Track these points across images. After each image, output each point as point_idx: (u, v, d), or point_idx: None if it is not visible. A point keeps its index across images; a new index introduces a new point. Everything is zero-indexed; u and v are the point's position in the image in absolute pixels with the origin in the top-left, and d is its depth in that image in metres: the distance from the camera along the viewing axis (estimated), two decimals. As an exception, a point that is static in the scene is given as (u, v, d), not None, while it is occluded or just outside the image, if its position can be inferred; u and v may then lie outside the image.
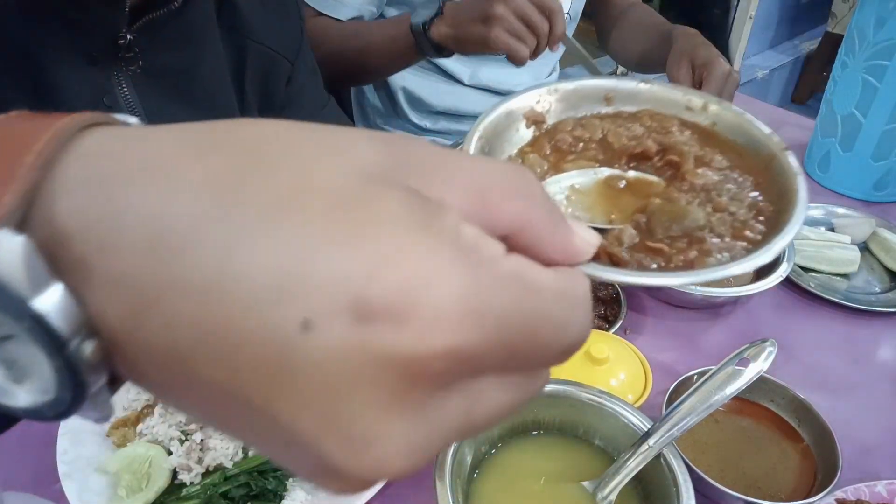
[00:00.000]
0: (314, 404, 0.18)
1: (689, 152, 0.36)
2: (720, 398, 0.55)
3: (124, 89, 0.69)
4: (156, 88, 0.71)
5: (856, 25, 0.97)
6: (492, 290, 0.19)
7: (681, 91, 0.39)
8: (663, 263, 0.31)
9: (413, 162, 0.20)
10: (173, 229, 0.18)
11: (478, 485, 0.57)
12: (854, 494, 0.59)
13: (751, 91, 3.11)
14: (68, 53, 0.64)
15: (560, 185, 0.34)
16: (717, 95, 1.02)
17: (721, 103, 0.40)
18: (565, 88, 0.40)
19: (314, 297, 0.17)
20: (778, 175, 0.36)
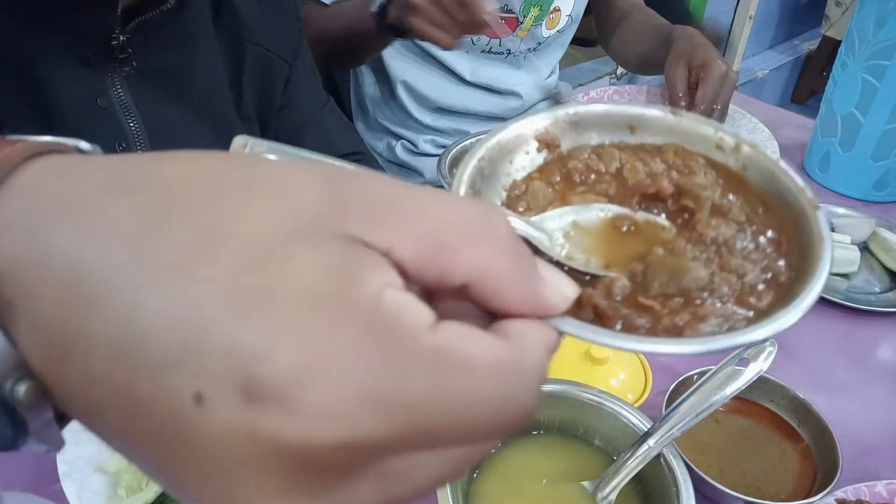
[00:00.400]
0: (211, 480, 0.17)
1: (706, 198, 0.32)
2: (720, 398, 0.55)
3: (119, 90, 0.69)
4: (151, 89, 0.71)
5: (856, 25, 0.97)
6: (402, 373, 0.17)
7: (713, 127, 0.35)
8: (649, 324, 0.27)
9: (362, 204, 0.19)
10: (86, 279, 0.17)
11: (478, 485, 0.57)
12: (854, 494, 0.58)
13: (751, 91, 3.11)
14: (61, 54, 0.64)
15: (562, 219, 0.31)
16: (713, 97, 1.02)
17: (755, 146, 0.34)
18: (586, 111, 0.35)
19: (207, 370, 0.16)
20: (804, 236, 0.31)
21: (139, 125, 0.70)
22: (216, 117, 0.78)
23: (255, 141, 0.31)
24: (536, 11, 1.19)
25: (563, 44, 1.31)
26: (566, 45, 1.33)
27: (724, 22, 3.06)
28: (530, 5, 1.18)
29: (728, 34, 3.11)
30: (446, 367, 0.18)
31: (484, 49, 1.21)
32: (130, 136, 0.70)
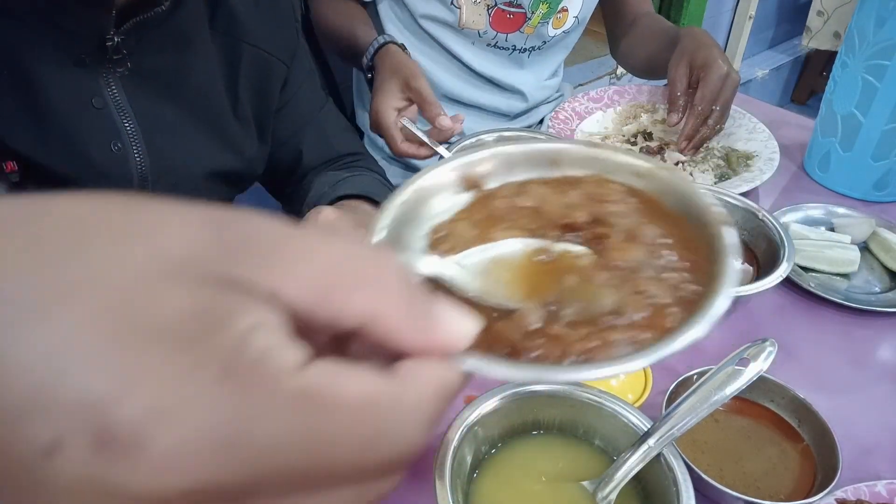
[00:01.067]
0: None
1: (617, 224, 0.33)
2: (720, 398, 0.55)
3: (113, 91, 0.68)
4: (146, 90, 0.71)
5: (856, 25, 0.97)
6: (259, 416, 0.17)
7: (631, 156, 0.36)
8: (559, 354, 0.27)
9: (249, 248, 0.19)
10: None
11: (478, 485, 0.57)
12: (854, 494, 0.58)
13: (751, 91, 3.11)
14: (55, 55, 0.63)
15: (483, 255, 0.31)
16: (712, 97, 1.02)
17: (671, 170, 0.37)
18: (507, 151, 0.37)
19: (61, 417, 0.16)
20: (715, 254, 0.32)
21: (134, 125, 0.70)
22: (212, 118, 0.78)
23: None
24: (545, 9, 1.19)
25: (567, 45, 1.31)
26: (570, 47, 1.33)
27: (724, 22, 3.06)
28: (539, 2, 1.18)
29: (728, 34, 3.11)
30: (309, 407, 0.17)
31: (489, 42, 1.21)
32: (126, 137, 0.70)
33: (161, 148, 0.73)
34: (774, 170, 1.03)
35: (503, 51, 1.23)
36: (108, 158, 0.69)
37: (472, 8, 1.15)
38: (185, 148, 0.76)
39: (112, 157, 0.69)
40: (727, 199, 0.92)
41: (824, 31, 2.90)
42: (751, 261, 0.88)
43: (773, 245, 0.85)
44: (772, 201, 1.04)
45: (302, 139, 0.90)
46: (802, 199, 1.00)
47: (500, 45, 1.21)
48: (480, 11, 1.16)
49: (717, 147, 1.12)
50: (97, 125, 0.68)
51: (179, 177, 0.76)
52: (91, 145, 0.68)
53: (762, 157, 1.07)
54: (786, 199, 1.03)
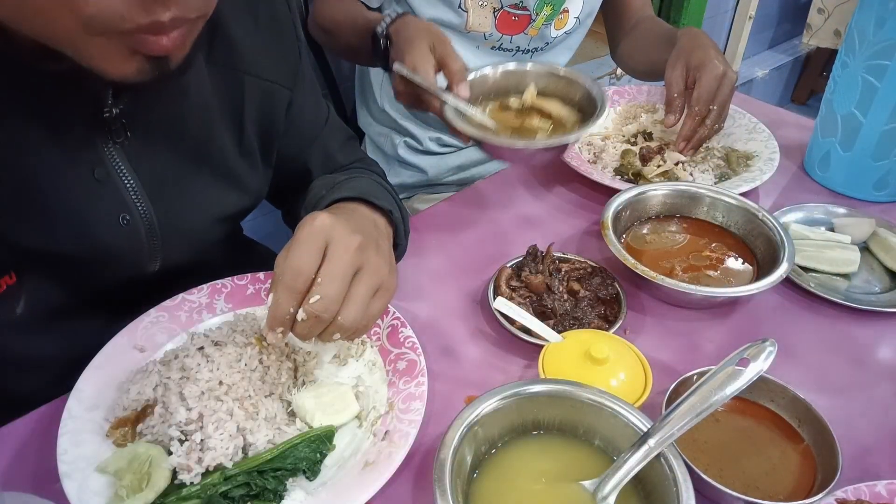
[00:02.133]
0: None
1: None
2: (720, 398, 0.55)
3: (116, 160, 0.66)
4: (145, 150, 0.68)
5: (856, 25, 0.97)
6: None
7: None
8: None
9: None
10: None
11: (478, 485, 0.57)
12: (854, 494, 0.58)
13: (751, 91, 3.11)
14: (51, 136, 0.61)
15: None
16: (709, 97, 1.03)
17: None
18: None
19: None
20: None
21: (138, 186, 0.68)
22: (215, 160, 0.76)
23: None
24: (549, 10, 1.19)
25: (570, 46, 1.31)
26: (573, 49, 1.33)
27: (724, 22, 3.06)
28: (544, 4, 1.18)
29: (728, 34, 3.11)
30: None
31: (494, 45, 1.21)
32: (130, 201, 0.68)
33: (167, 204, 0.71)
34: (774, 170, 1.03)
35: (507, 52, 1.23)
36: (116, 233, 0.67)
37: (479, 11, 1.15)
38: (191, 198, 0.74)
39: (120, 231, 0.68)
40: (727, 199, 0.92)
41: (825, 29, 2.90)
42: (751, 261, 0.88)
43: (773, 245, 0.85)
44: (772, 201, 1.04)
45: (309, 157, 0.89)
46: (802, 199, 1.00)
47: (504, 48, 1.21)
48: (486, 14, 1.16)
49: (717, 147, 1.12)
50: (102, 198, 0.66)
51: (188, 226, 0.75)
52: (98, 221, 0.66)
53: (762, 157, 1.07)
54: (786, 199, 1.03)
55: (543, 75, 0.97)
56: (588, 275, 0.83)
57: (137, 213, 0.69)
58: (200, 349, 0.68)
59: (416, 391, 0.67)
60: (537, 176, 1.10)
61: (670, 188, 0.95)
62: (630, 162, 1.08)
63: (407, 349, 0.72)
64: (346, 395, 0.68)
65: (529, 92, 0.94)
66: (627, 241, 0.91)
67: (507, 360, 0.77)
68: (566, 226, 0.98)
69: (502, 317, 0.77)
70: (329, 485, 0.61)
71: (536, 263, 0.83)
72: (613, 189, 0.96)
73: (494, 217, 1.01)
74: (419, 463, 0.65)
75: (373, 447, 0.63)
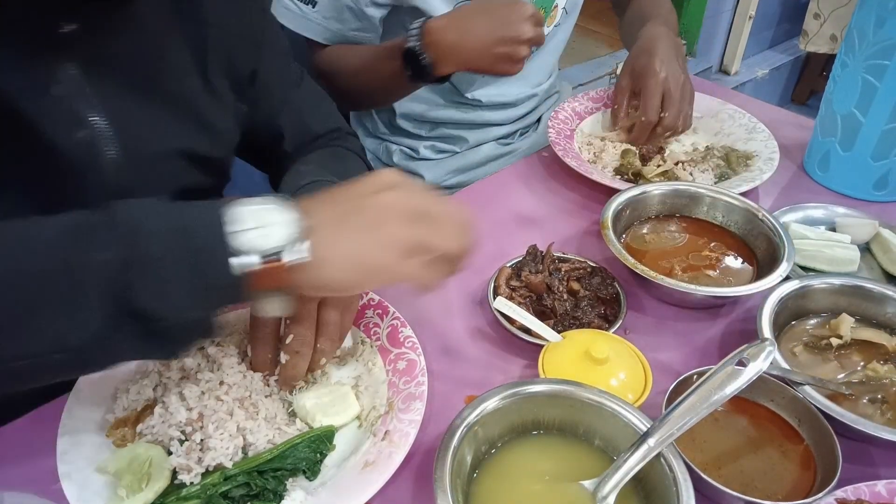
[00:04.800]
0: None
1: None
2: (720, 398, 0.55)
3: (73, 80, 0.65)
4: (112, 79, 0.68)
5: (856, 25, 0.97)
6: None
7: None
8: None
9: None
10: None
11: (478, 485, 0.57)
12: (854, 494, 0.58)
13: (751, 91, 3.11)
14: (9, 47, 0.61)
15: None
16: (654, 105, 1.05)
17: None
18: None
19: None
20: None
21: (103, 114, 0.68)
22: (182, 102, 0.76)
23: None
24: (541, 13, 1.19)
25: (558, 43, 1.30)
26: (561, 45, 1.32)
27: (724, 22, 3.06)
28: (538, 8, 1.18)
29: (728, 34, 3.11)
30: None
31: None
32: (92, 127, 0.67)
33: (135, 135, 0.70)
34: (774, 170, 1.03)
35: None
36: (72, 148, 0.66)
37: None
38: (158, 132, 0.74)
39: (76, 147, 0.67)
40: (727, 199, 0.92)
41: (821, 34, 2.90)
42: (751, 261, 0.88)
43: (773, 245, 0.85)
44: (772, 201, 1.04)
45: (281, 121, 0.89)
46: (802, 199, 1.00)
47: None
48: None
49: (717, 147, 1.12)
50: (57, 113, 0.65)
51: (155, 161, 0.74)
52: (54, 135, 0.65)
53: (762, 157, 1.07)
54: (786, 199, 1.03)
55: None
56: (588, 274, 0.83)
57: (94, 131, 0.67)
58: (201, 349, 0.68)
59: (416, 391, 0.67)
60: (537, 176, 1.10)
61: (670, 188, 0.95)
62: (630, 162, 1.08)
63: (407, 349, 0.72)
64: (347, 395, 0.68)
65: None
66: (627, 240, 0.91)
67: (507, 360, 0.77)
68: (566, 226, 0.98)
69: (502, 317, 0.77)
70: (329, 485, 0.61)
71: (536, 263, 0.83)
72: (613, 189, 0.96)
73: (494, 217, 1.01)
74: (419, 463, 0.65)
75: (373, 447, 0.63)
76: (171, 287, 0.51)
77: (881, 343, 0.74)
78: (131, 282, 0.50)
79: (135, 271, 0.50)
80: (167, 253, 0.51)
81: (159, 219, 0.52)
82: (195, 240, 0.52)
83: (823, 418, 0.63)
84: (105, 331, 0.50)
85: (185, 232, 0.52)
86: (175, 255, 0.51)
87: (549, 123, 1.14)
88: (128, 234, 0.51)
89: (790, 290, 0.76)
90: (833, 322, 0.76)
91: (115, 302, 0.50)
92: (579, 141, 1.14)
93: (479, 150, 1.30)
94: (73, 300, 0.49)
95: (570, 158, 1.05)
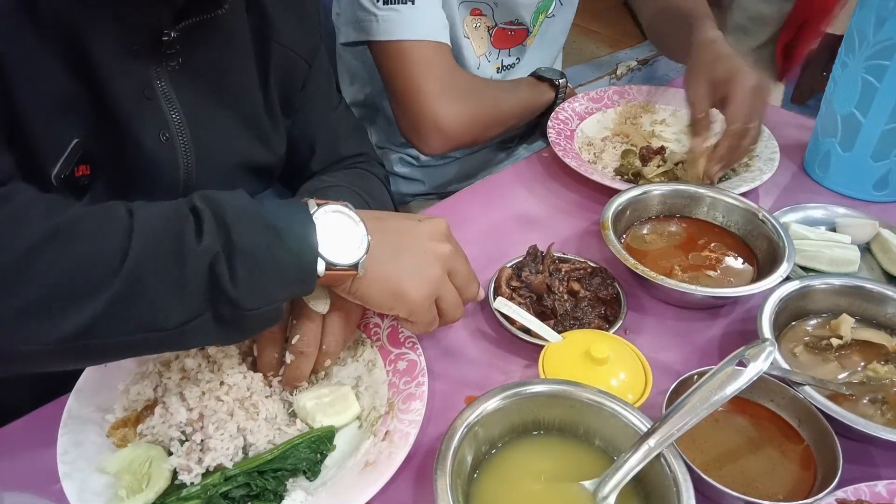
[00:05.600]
0: None
1: None
2: (720, 398, 0.55)
3: (163, 83, 0.71)
4: (192, 84, 0.74)
5: (856, 25, 0.97)
6: None
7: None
8: None
9: None
10: None
11: (478, 485, 0.57)
12: (854, 494, 0.59)
13: (751, 91, 3.10)
14: (114, 44, 0.65)
15: None
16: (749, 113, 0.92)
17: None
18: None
19: None
20: None
21: (181, 117, 0.73)
22: (248, 114, 0.82)
23: None
24: (542, 17, 1.19)
25: (560, 31, 1.29)
26: (563, 33, 1.30)
27: (724, 22, 3.05)
28: (538, 13, 1.18)
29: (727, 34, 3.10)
30: None
31: (500, 67, 1.21)
32: (173, 128, 0.73)
33: (204, 140, 0.76)
34: (774, 170, 1.03)
35: (509, 69, 1.23)
36: (157, 148, 0.72)
37: (475, 34, 1.14)
38: (225, 141, 0.80)
39: (160, 147, 0.72)
40: (727, 199, 0.92)
41: (846, 15, 2.90)
42: (751, 261, 0.88)
43: (773, 245, 0.85)
44: (772, 201, 1.04)
45: (314, 139, 0.93)
46: (802, 199, 1.00)
47: (505, 64, 1.22)
48: (482, 34, 1.15)
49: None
50: (147, 114, 0.70)
51: (218, 167, 0.79)
52: (143, 134, 0.70)
53: (762, 157, 1.07)
54: (786, 199, 1.03)
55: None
56: (588, 275, 0.83)
57: (175, 134, 0.73)
58: (201, 349, 0.68)
59: (416, 391, 0.67)
60: (537, 176, 1.10)
61: (670, 188, 0.95)
62: (630, 162, 1.08)
63: (407, 349, 0.72)
64: (348, 396, 0.68)
65: None
66: (627, 241, 0.91)
67: (507, 360, 0.77)
68: (566, 226, 0.99)
69: (502, 317, 0.77)
70: (329, 485, 0.61)
71: (536, 263, 0.83)
72: (613, 189, 0.96)
73: (494, 217, 1.01)
74: (419, 463, 0.65)
75: (373, 447, 0.63)
76: (260, 281, 0.55)
77: (881, 343, 0.74)
78: (227, 271, 0.53)
79: (231, 262, 0.54)
80: (260, 249, 0.55)
81: (251, 215, 0.56)
82: (287, 241, 0.56)
83: (824, 418, 0.63)
84: (197, 315, 0.54)
85: (276, 233, 0.56)
86: (267, 252, 0.55)
87: (550, 123, 1.14)
88: (224, 227, 0.54)
89: (790, 291, 0.76)
90: (833, 322, 0.76)
91: (213, 289, 0.53)
92: (579, 141, 1.14)
93: (479, 155, 1.30)
94: (183, 284, 0.52)
95: (571, 159, 1.05)
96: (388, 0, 0.98)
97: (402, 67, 1.01)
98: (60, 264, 0.50)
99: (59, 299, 0.49)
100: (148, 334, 0.52)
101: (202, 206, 0.55)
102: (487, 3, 1.11)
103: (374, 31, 0.99)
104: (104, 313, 0.50)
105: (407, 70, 1.00)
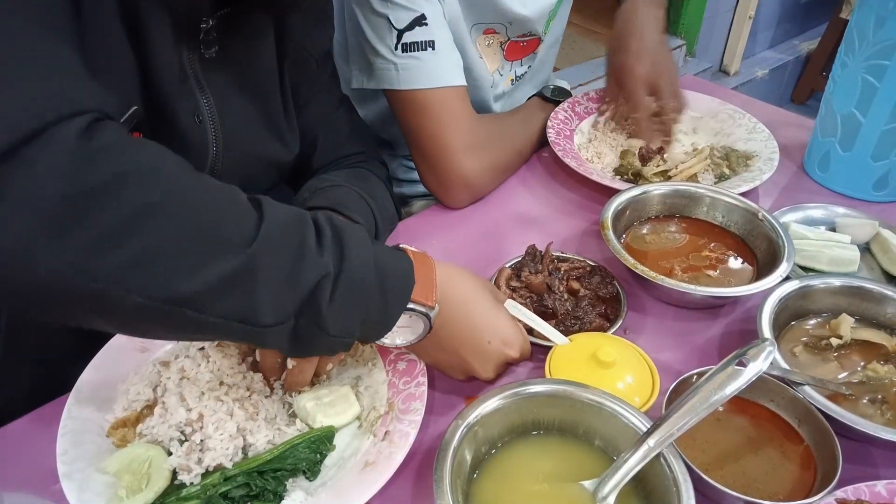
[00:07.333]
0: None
1: None
2: (720, 398, 0.55)
3: (196, 69, 0.72)
4: (222, 74, 0.75)
5: (856, 25, 0.97)
6: None
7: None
8: None
9: None
10: None
11: (478, 485, 0.57)
12: (854, 494, 0.58)
13: (751, 91, 3.11)
14: (160, 28, 0.66)
15: None
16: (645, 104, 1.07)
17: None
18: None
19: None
20: None
21: (210, 103, 0.74)
22: (269, 109, 0.83)
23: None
24: (552, 22, 1.19)
25: (561, 27, 1.28)
26: (563, 28, 1.30)
27: (724, 22, 3.06)
28: (549, 22, 1.18)
29: (728, 34, 3.11)
30: None
31: (514, 79, 1.21)
32: (204, 111, 0.74)
33: (232, 129, 0.77)
34: (774, 170, 1.03)
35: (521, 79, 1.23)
36: (192, 128, 0.73)
37: (487, 50, 1.14)
38: (249, 133, 0.81)
39: (194, 128, 0.73)
40: (727, 199, 0.92)
41: None
42: (751, 261, 0.88)
43: (773, 245, 0.85)
44: (772, 201, 1.04)
45: (316, 136, 0.94)
46: (802, 199, 1.00)
47: (516, 74, 1.22)
48: (495, 51, 1.15)
49: (717, 147, 1.12)
50: (183, 98, 0.71)
51: (241, 158, 0.80)
52: (181, 114, 0.71)
53: (762, 157, 1.07)
54: (786, 199, 1.03)
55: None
56: (587, 273, 0.83)
57: (207, 118, 0.75)
58: (201, 349, 0.68)
59: (416, 391, 0.67)
60: (537, 176, 1.10)
61: (670, 188, 0.95)
62: (630, 162, 1.08)
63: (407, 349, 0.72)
64: (348, 396, 0.68)
65: None
66: (627, 241, 0.91)
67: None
68: (566, 226, 0.98)
69: (503, 317, 0.77)
70: (329, 485, 0.61)
71: (536, 263, 0.83)
72: (613, 189, 0.96)
73: (494, 217, 1.01)
74: (419, 463, 0.65)
75: (373, 447, 0.63)
76: (350, 312, 0.56)
77: (881, 343, 0.74)
78: (329, 292, 0.54)
79: (336, 283, 0.54)
80: (363, 284, 0.56)
81: (365, 247, 0.57)
82: (386, 282, 0.58)
83: (823, 418, 0.63)
84: (284, 321, 0.53)
85: (379, 271, 0.57)
86: (367, 289, 0.56)
87: (549, 123, 1.14)
88: (341, 248, 0.55)
89: (790, 291, 0.76)
90: (833, 322, 0.76)
91: (309, 302, 0.53)
92: (579, 141, 1.14)
93: None
94: (293, 285, 0.52)
95: (570, 159, 1.05)
96: (408, 47, 0.94)
97: (427, 122, 0.97)
98: (193, 220, 0.48)
99: (182, 255, 0.47)
100: (239, 325, 0.51)
101: (323, 222, 0.56)
102: (501, 22, 1.11)
103: (394, 80, 0.96)
104: (213, 288, 0.48)
105: (432, 125, 0.97)
